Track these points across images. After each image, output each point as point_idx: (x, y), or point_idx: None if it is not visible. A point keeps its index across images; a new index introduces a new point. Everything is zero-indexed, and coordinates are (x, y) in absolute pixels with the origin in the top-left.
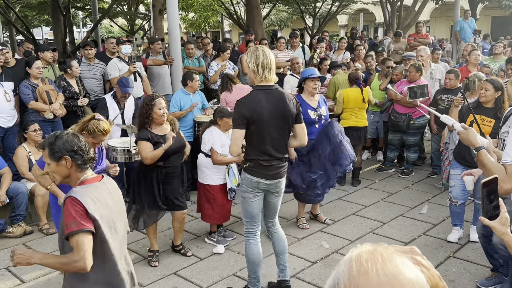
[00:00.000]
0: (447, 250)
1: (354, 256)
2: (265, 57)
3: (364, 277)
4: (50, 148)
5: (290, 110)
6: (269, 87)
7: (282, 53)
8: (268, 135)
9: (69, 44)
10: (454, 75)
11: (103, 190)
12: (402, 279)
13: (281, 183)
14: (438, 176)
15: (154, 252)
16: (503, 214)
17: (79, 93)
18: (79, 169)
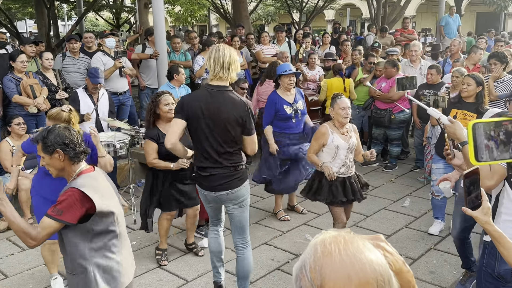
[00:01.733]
0: (428, 242)
1: (319, 240)
2: (219, 55)
3: (327, 258)
4: (43, 142)
5: (232, 116)
6: (217, 88)
7: (267, 47)
8: (207, 139)
9: (54, 37)
10: (435, 70)
11: (100, 178)
12: (362, 258)
13: (233, 194)
14: (420, 170)
15: (162, 251)
16: (485, 204)
17: (57, 86)
18: (71, 162)
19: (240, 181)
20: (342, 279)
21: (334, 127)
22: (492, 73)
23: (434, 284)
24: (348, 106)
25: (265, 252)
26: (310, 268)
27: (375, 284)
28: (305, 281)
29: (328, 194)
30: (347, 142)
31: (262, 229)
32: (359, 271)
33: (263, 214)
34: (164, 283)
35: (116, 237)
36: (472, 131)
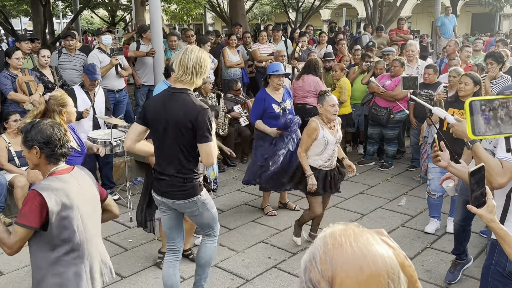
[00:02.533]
0: (424, 241)
1: (328, 233)
2: (184, 57)
3: (338, 250)
4: (24, 135)
5: (183, 120)
6: (176, 90)
7: (264, 46)
8: (160, 143)
9: (49, 35)
10: (432, 70)
11: (72, 181)
12: (373, 250)
13: (179, 205)
14: (416, 169)
15: (164, 254)
16: (490, 201)
17: (54, 82)
18: (47, 161)
19: (185, 194)
20: (354, 270)
21: (323, 122)
22: (488, 72)
23: (430, 283)
24: (336, 103)
25: (261, 250)
26: (320, 259)
27: (386, 276)
28: (315, 272)
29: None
30: (335, 136)
31: (259, 227)
32: (370, 263)
33: (259, 212)
34: (161, 281)
35: (77, 247)
36: (469, 108)
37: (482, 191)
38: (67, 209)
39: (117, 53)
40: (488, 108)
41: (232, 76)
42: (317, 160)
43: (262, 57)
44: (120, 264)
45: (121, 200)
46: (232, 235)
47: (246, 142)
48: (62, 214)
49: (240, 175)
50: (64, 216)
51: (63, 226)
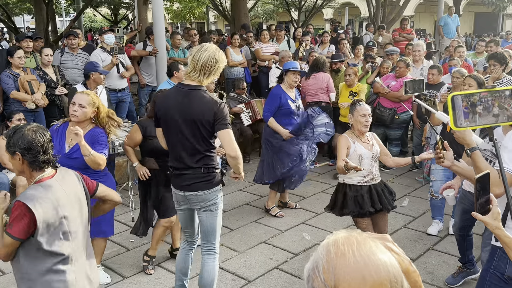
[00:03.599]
0: (427, 243)
1: (331, 241)
2: (197, 55)
3: (341, 259)
4: (7, 140)
5: (199, 114)
6: (187, 87)
7: (267, 45)
8: (176, 138)
9: (52, 33)
10: (436, 71)
11: (57, 187)
12: (376, 259)
13: (200, 196)
14: (419, 170)
15: (151, 258)
16: (495, 209)
17: (57, 81)
18: (30, 168)
19: (208, 184)
20: (356, 280)
21: (354, 136)
22: (491, 74)
23: (432, 285)
24: (369, 113)
25: (263, 251)
26: (323, 268)
27: (388, 285)
28: (318, 282)
29: (355, 205)
30: (371, 150)
31: (261, 228)
32: (373, 272)
33: (261, 213)
34: (162, 281)
35: (66, 254)
36: (451, 102)
37: (487, 198)
38: (54, 217)
39: (118, 52)
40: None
41: (235, 76)
42: (355, 176)
43: (265, 57)
44: (121, 264)
45: (123, 200)
46: (234, 236)
47: (248, 142)
48: (49, 222)
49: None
50: (51, 224)
51: (51, 234)
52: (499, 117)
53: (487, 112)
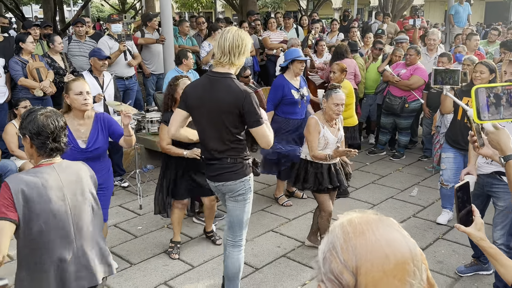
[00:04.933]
0: (436, 232)
1: (345, 221)
2: (221, 39)
3: (360, 238)
4: (21, 122)
5: (226, 106)
6: (217, 74)
7: (275, 33)
8: (205, 128)
9: (59, 22)
10: (446, 59)
11: (47, 175)
12: (397, 238)
13: (228, 187)
14: (428, 160)
15: (175, 243)
16: (478, 219)
17: (65, 69)
18: (37, 153)
19: (235, 174)
20: (380, 259)
21: (323, 120)
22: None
23: (442, 274)
24: (342, 103)
25: (271, 239)
26: (341, 249)
27: (411, 263)
28: (337, 263)
29: (314, 181)
30: (336, 135)
31: (268, 216)
32: (396, 251)
33: (269, 201)
34: (170, 268)
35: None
36: (475, 94)
37: (469, 209)
38: (35, 204)
39: (125, 40)
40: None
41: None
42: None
43: (273, 45)
44: (129, 251)
45: (131, 188)
46: None
47: None
48: (28, 209)
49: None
50: (30, 212)
51: (30, 222)
52: None
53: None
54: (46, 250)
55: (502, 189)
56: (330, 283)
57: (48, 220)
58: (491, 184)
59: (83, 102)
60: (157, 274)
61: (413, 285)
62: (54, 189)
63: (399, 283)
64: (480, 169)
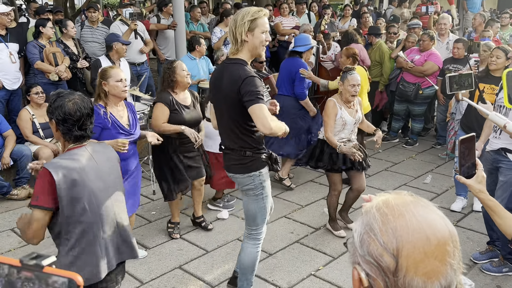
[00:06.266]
0: (451, 219)
1: (381, 202)
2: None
3: (400, 220)
4: (49, 105)
5: (227, 91)
6: (226, 61)
7: (287, 19)
8: (219, 117)
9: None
10: (462, 44)
11: (81, 156)
12: (436, 219)
13: (237, 179)
14: (442, 147)
15: (175, 224)
16: (480, 172)
17: (78, 55)
18: (63, 138)
19: (242, 168)
20: (421, 240)
21: (341, 102)
22: None
23: None
24: (358, 83)
25: (284, 225)
26: (380, 231)
27: (452, 245)
28: (376, 245)
29: (328, 161)
30: (354, 117)
31: (281, 202)
32: (436, 232)
33: (281, 187)
34: (185, 252)
35: (89, 228)
36: (506, 78)
37: (473, 162)
38: (76, 186)
39: (136, 18)
40: None
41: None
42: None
43: (285, 31)
44: (144, 236)
45: (144, 173)
46: None
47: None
48: (71, 192)
49: None
50: (73, 194)
51: (74, 204)
52: None
53: None
54: (92, 230)
55: (505, 165)
56: (368, 266)
57: (91, 199)
58: (498, 160)
59: (123, 89)
60: (172, 259)
61: (453, 265)
62: (91, 169)
63: (439, 263)
64: (490, 145)
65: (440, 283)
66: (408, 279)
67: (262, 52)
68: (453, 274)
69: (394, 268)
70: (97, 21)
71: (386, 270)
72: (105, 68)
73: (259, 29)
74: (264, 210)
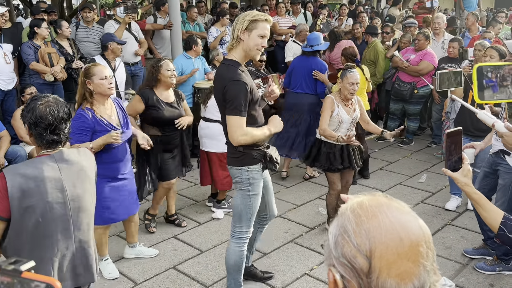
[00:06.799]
0: (445, 218)
1: (356, 204)
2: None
3: (373, 221)
4: (23, 108)
5: (217, 92)
6: (222, 61)
7: (283, 19)
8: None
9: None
10: (457, 44)
11: (45, 166)
12: (409, 220)
13: (230, 170)
14: (437, 146)
15: (153, 216)
16: (466, 166)
17: (73, 55)
18: (36, 143)
19: (233, 160)
20: (394, 241)
21: (339, 99)
22: None
23: (450, 260)
24: (357, 82)
25: (279, 225)
26: (354, 232)
27: (425, 245)
28: (350, 247)
29: (325, 161)
30: (351, 116)
31: (276, 202)
32: (410, 233)
33: (276, 187)
34: (179, 252)
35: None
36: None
37: (459, 157)
38: (31, 197)
39: (131, 12)
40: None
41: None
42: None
43: (282, 30)
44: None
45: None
46: None
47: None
48: (24, 202)
49: None
50: (26, 204)
51: (26, 215)
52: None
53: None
54: (44, 245)
55: (503, 168)
56: (342, 267)
57: (46, 213)
58: (496, 163)
59: (109, 86)
60: (166, 259)
61: (426, 266)
62: (51, 181)
63: (412, 264)
64: (493, 147)
65: (414, 284)
66: (381, 281)
67: (256, 55)
68: (426, 275)
69: (367, 270)
70: (92, 21)
71: (359, 271)
72: (87, 66)
73: (257, 32)
74: (249, 209)
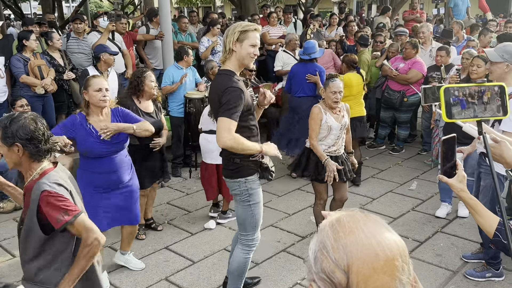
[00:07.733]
0: (435, 225)
1: (334, 220)
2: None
3: (350, 237)
4: (3, 131)
5: (213, 102)
6: (218, 72)
7: (274, 28)
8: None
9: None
10: (445, 52)
11: (64, 175)
12: (386, 235)
13: (227, 183)
14: (428, 153)
15: (140, 226)
16: (460, 172)
17: (64, 66)
18: (31, 159)
19: (229, 172)
20: (370, 256)
21: (326, 108)
22: None
23: (441, 267)
24: (340, 91)
25: (271, 234)
26: (332, 248)
27: (400, 260)
28: (328, 262)
29: (313, 170)
30: (340, 122)
31: (268, 211)
32: (386, 248)
33: (268, 196)
34: (171, 263)
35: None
36: (443, 94)
37: (454, 163)
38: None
39: (115, 20)
40: (462, 93)
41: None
42: (320, 145)
43: (272, 40)
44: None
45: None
46: None
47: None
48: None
49: None
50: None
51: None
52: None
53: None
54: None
55: (483, 170)
56: (322, 282)
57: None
58: (480, 165)
59: (102, 98)
60: (158, 270)
61: (402, 279)
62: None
63: (389, 278)
64: (477, 149)
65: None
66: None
67: (250, 63)
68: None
69: (345, 284)
70: (83, 32)
71: (338, 286)
72: (88, 77)
73: (248, 42)
74: (252, 217)
